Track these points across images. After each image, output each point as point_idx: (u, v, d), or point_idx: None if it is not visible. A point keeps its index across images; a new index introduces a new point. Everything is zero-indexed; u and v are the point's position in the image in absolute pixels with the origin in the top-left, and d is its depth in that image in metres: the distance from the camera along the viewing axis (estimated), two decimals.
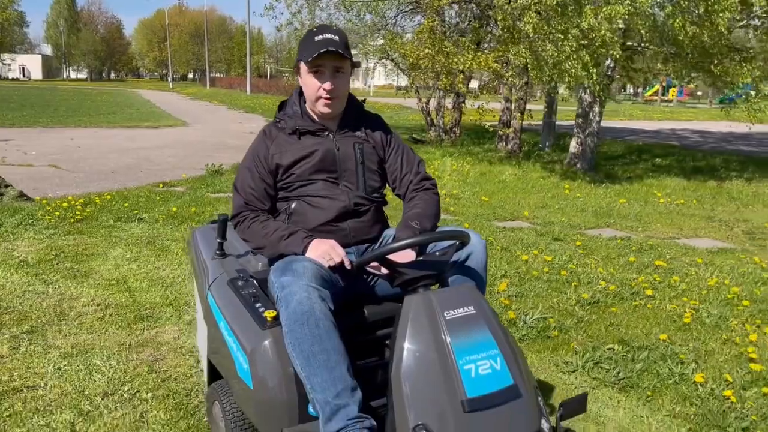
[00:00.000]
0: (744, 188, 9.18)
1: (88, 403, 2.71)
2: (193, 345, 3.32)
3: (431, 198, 2.28)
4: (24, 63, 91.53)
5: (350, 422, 1.73)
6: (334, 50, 2.08)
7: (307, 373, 1.77)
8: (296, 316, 1.78)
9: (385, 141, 2.34)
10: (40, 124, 17.44)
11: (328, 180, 2.21)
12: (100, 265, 4.64)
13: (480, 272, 2.12)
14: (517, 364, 1.73)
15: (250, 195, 2.23)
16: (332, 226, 2.18)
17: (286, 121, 2.28)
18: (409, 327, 1.71)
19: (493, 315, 1.80)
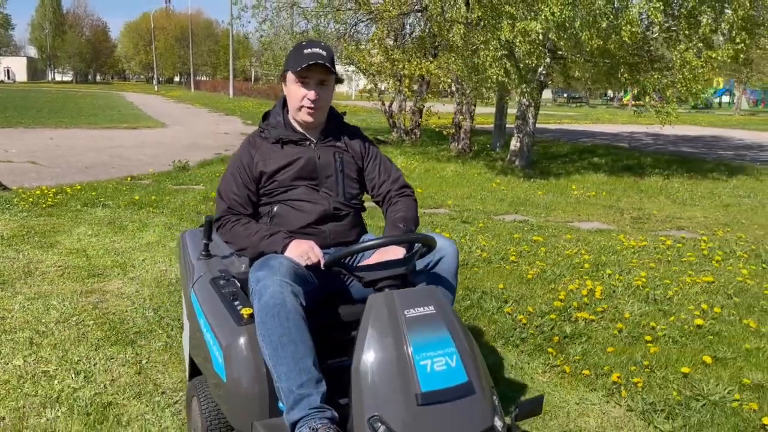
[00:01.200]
0: (655, 183, 10.20)
1: (44, 327, 3.62)
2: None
3: (412, 203, 2.42)
4: (9, 65, 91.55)
5: (312, 411, 1.83)
6: (322, 63, 2.22)
7: (274, 363, 1.87)
8: (268, 308, 1.87)
9: (364, 151, 2.46)
10: (22, 124, 18.22)
11: (310, 186, 2.32)
12: (65, 239, 5.54)
13: (450, 277, 2.22)
14: (474, 363, 1.80)
15: (233, 201, 2.33)
16: (313, 229, 2.29)
17: (269, 130, 2.38)
18: (370, 324, 1.79)
19: (454, 316, 1.90)
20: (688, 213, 7.82)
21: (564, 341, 3.55)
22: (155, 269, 4.76)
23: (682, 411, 2.80)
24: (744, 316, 3.99)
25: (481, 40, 8.51)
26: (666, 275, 4.89)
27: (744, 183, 10.53)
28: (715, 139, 21.50)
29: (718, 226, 6.97)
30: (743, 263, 5.30)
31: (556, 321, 3.79)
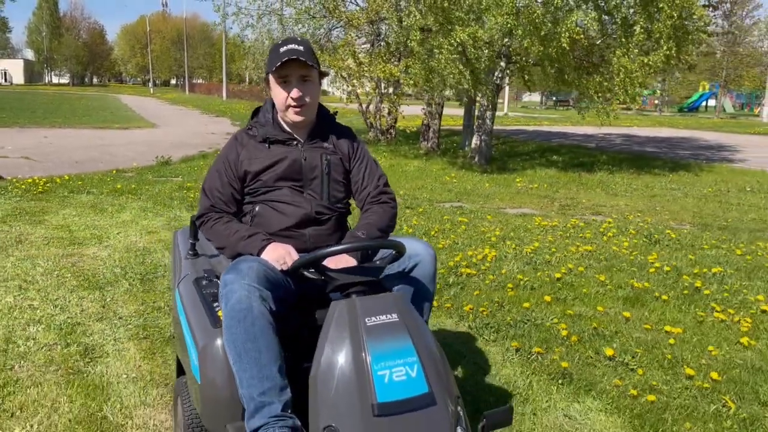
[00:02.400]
0: (597, 177, 11.13)
1: (30, 278, 4.51)
2: None
3: (385, 210, 2.32)
4: (6, 68, 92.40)
5: (271, 420, 1.79)
6: (296, 58, 2.16)
7: (237, 369, 1.84)
8: (233, 313, 1.84)
9: (352, 152, 2.39)
10: (18, 124, 19.10)
11: (294, 188, 2.27)
12: (52, 218, 6.43)
13: (426, 282, 2.17)
14: (437, 373, 1.76)
15: (217, 198, 2.29)
16: (293, 232, 2.24)
17: (257, 129, 2.33)
18: (330, 331, 1.76)
19: (419, 323, 1.86)
20: (613, 202, 8.74)
21: (444, 288, 4.45)
22: (127, 240, 5.66)
23: (508, 329, 3.71)
24: (599, 273, 4.91)
25: (435, 45, 9.43)
26: (556, 246, 5.81)
27: (681, 178, 11.46)
28: (684, 140, 22.44)
29: (632, 212, 7.89)
30: (629, 238, 6.22)
31: (444, 275, 4.70)
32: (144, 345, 3.42)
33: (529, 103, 62.98)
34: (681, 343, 3.59)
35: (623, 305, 4.23)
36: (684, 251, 5.77)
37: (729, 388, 3.06)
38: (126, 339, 3.50)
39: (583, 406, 2.88)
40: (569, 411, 2.83)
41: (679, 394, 3.00)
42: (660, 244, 6.03)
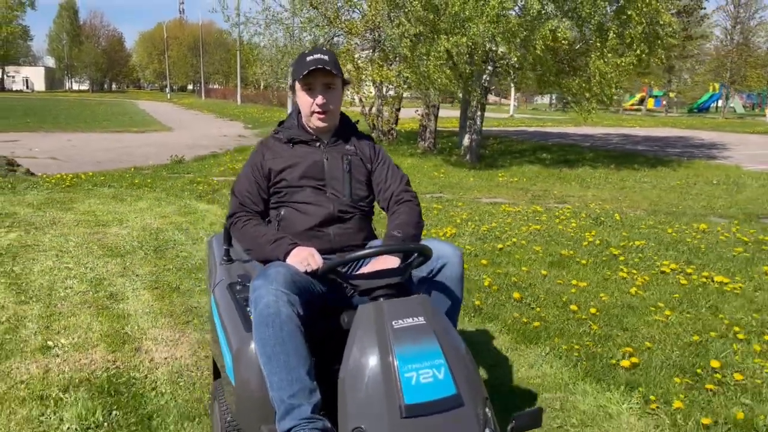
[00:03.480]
0: (577, 172, 11.98)
1: (65, 249, 5.50)
2: None
3: (412, 209, 2.37)
4: (28, 75, 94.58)
5: (302, 422, 1.83)
6: (322, 67, 2.26)
7: (267, 372, 1.89)
8: (262, 318, 1.89)
9: (373, 155, 2.47)
10: (42, 129, 20.31)
11: (316, 187, 2.34)
12: (79, 206, 7.45)
13: (454, 283, 2.20)
14: (465, 375, 1.77)
15: (245, 198, 2.38)
16: (317, 231, 2.31)
17: (283, 132, 2.45)
18: (357, 334, 1.80)
19: (446, 326, 1.88)
20: (583, 193, 9.60)
21: None
22: (143, 222, 6.65)
23: None
24: (538, 246, 5.81)
25: (424, 51, 10.38)
26: (510, 226, 6.71)
27: (656, 173, 12.27)
28: (681, 139, 23.11)
29: (595, 201, 8.75)
30: (578, 221, 7.10)
31: None
32: (155, 293, 4.38)
33: (540, 106, 63.67)
34: (580, 293, 4.48)
35: (547, 267, 5.13)
36: (621, 230, 6.64)
37: (600, 318, 3.96)
38: (142, 289, 4.47)
39: (484, 330, 3.80)
40: (473, 334, 3.75)
41: (560, 322, 3.90)
42: (603, 225, 6.91)
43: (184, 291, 4.43)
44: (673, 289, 4.62)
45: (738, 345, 3.59)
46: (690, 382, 3.12)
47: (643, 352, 3.47)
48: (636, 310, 4.15)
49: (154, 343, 3.52)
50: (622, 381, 3.12)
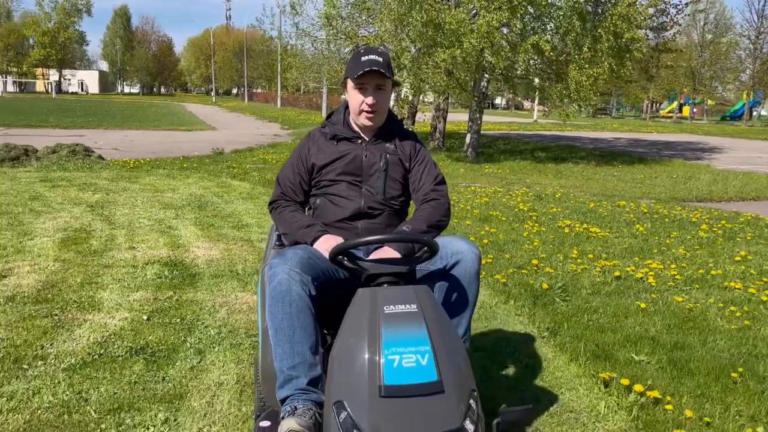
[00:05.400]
0: (557, 168, 13.81)
1: (135, 204, 7.69)
2: None
3: (435, 207, 2.42)
4: (83, 78, 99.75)
5: (297, 392, 2.00)
6: (377, 69, 2.33)
7: (273, 344, 2.06)
8: (274, 294, 2.04)
9: (413, 154, 2.54)
10: (102, 126, 23.04)
11: (352, 182, 2.46)
12: (141, 180, 9.71)
13: (467, 280, 2.25)
14: (452, 366, 1.81)
15: (287, 187, 2.53)
16: (346, 224, 2.43)
17: (329, 127, 2.56)
18: (350, 315, 1.91)
19: (440, 317, 1.93)
20: (551, 182, 11.46)
21: None
22: (189, 191, 8.85)
23: None
24: (477, 209, 7.75)
25: (423, 62, 12.44)
26: (466, 199, 8.67)
27: (629, 168, 14.02)
28: (684, 143, 24.54)
29: (555, 187, 10.61)
30: (524, 198, 9.01)
31: None
32: (199, 228, 6.50)
33: (571, 111, 64.78)
34: (488, 235, 6.44)
35: (476, 222, 7.09)
36: (552, 204, 8.54)
37: (491, 247, 5.92)
38: (189, 224, 6.61)
39: None
40: None
41: None
42: (542, 200, 8.82)
43: (217, 226, 6.55)
44: (555, 234, 6.55)
45: (568, 260, 5.50)
46: (523, 271, 5.07)
47: (509, 265, 5.43)
48: (516, 242, 6.10)
49: (197, 248, 5.64)
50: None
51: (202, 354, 3.34)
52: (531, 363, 3.38)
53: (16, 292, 4.18)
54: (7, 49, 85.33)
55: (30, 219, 6.50)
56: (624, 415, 2.80)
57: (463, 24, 11.81)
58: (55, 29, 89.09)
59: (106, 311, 3.93)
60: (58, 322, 3.71)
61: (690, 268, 5.38)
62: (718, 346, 3.65)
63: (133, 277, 4.65)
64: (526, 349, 3.57)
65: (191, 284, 4.56)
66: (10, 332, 3.52)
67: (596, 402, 2.94)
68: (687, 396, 2.96)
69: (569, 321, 3.96)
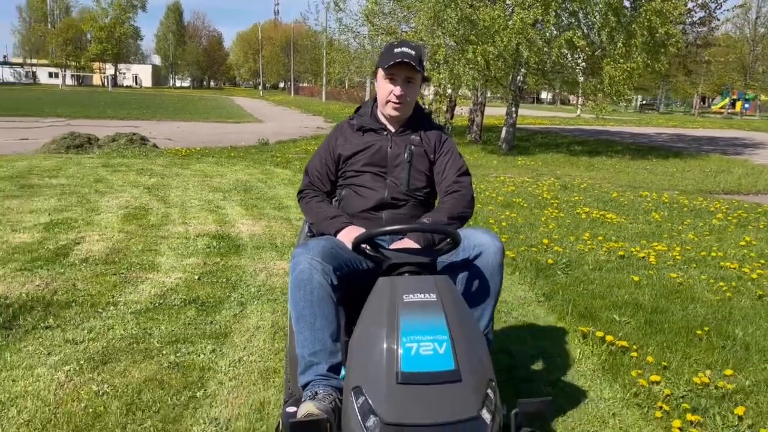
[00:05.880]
0: (591, 161, 14.07)
1: (187, 187, 8.44)
2: None
3: (457, 199, 2.46)
4: (137, 72, 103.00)
5: (317, 378, 2.07)
6: (408, 62, 2.37)
7: (296, 330, 2.14)
8: (296, 282, 2.10)
9: (438, 146, 2.57)
10: (155, 118, 24.20)
11: (377, 173, 2.51)
12: (192, 167, 10.49)
13: (489, 272, 2.27)
14: (470, 355, 1.82)
15: (315, 177, 2.60)
16: (370, 214, 2.47)
17: (357, 118, 2.62)
18: (370, 303, 1.94)
19: (459, 306, 1.94)
20: (581, 173, 11.79)
21: None
22: (236, 176, 9.57)
23: None
24: (501, 197, 8.22)
25: (456, 58, 12.91)
26: (494, 188, 9.13)
27: (663, 162, 14.17)
28: (728, 139, 24.22)
29: (584, 178, 10.95)
30: (550, 188, 9.42)
31: None
32: (244, 208, 7.15)
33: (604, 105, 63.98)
34: (512, 220, 6.91)
35: (498, 208, 7.57)
36: (576, 193, 8.93)
37: (507, 229, 6.40)
38: (236, 205, 7.28)
39: None
40: None
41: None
42: (567, 189, 9.22)
43: (259, 207, 7.22)
44: (572, 220, 6.98)
45: (578, 241, 5.95)
46: (533, 249, 5.55)
47: (521, 244, 5.92)
48: (533, 226, 6.57)
49: (241, 224, 6.30)
50: None
51: (244, 305, 3.97)
52: (523, 320, 3.89)
53: (89, 255, 4.90)
54: (66, 43, 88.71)
55: (96, 198, 7.29)
56: (594, 360, 3.30)
57: (496, 21, 12.22)
58: (112, 24, 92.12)
59: (163, 272, 4.60)
60: (125, 278, 4.40)
61: (693, 250, 5.76)
62: (696, 312, 4.08)
63: (186, 247, 5.33)
64: (521, 309, 4.09)
65: (236, 253, 5.21)
66: (86, 285, 4.21)
67: (573, 349, 3.44)
68: (653, 347, 3.44)
69: (565, 289, 4.44)
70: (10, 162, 10.08)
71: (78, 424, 2.51)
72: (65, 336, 3.36)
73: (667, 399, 2.84)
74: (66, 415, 2.57)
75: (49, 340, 3.31)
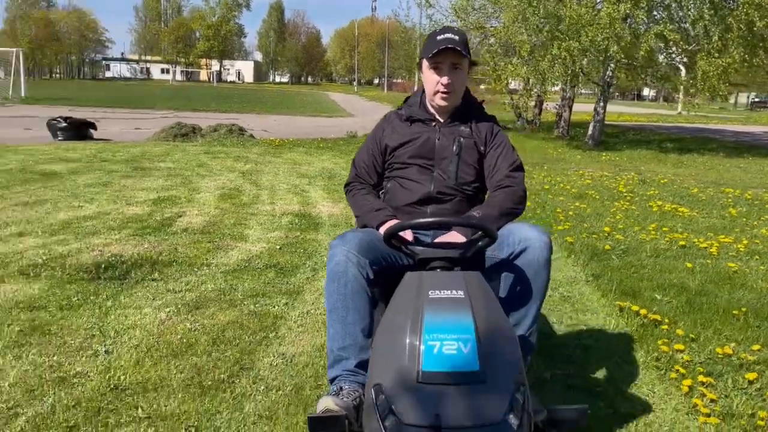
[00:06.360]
0: (680, 158, 13.73)
1: (278, 173, 9.16)
2: None
3: (508, 194, 2.33)
4: (240, 68, 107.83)
5: (345, 372, 2.06)
6: (452, 47, 2.27)
7: (328, 323, 2.14)
8: (331, 274, 2.09)
9: (490, 138, 2.46)
10: (255, 111, 25.61)
11: (424, 166, 2.42)
12: (284, 156, 11.26)
13: (533, 270, 2.15)
14: (498, 356, 1.72)
15: (362, 169, 2.55)
16: (414, 208, 2.40)
17: (405, 109, 2.54)
18: (396, 298, 1.89)
19: (491, 305, 1.84)
20: (667, 170, 11.61)
21: None
22: (323, 165, 10.22)
23: None
24: (575, 189, 8.36)
25: (541, 55, 13.01)
26: (571, 179, 9.26)
27: (761, 161, 13.65)
28: None
29: (666, 175, 10.81)
30: (628, 183, 9.42)
31: None
32: (326, 192, 7.74)
33: (728, 105, 60.64)
34: (580, 210, 7.11)
35: (569, 199, 7.76)
36: (653, 187, 8.91)
37: (573, 218, 6.62)
38: (319, 189, 7.89)
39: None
40: None
41: (552, 220, 6.64)
42: (645, 184, 9.20)
43: (341, 192, 7.70)
44: (641, 212, 7.07)
45: (642, 231, 6.08)
46: (594, 236, 5.76)
47: (583, 231, 6.14)
48: (600, 216, 6.74)
49: (322, 206, 6.88)
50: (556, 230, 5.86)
51: (316, 271, 4.50)
52: (567, 295, 4.20)
53: (188, 226, 5.62)
54: (177, 41, 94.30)
55: (197, 180, 8.12)
56: (626, 329, 3.57)
57: (583, 17, 12.23)
58: (218, 23, 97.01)
59: (250, 242, 5.23)
60: (217, 246, 5.06)
61: (762, 244, 5.77)
62: (741, 296, 4.22)
63: (272, 222, 5.96)
64: (568, 286, 4.38)
65: (314, 229, 5.78)
66: (185, 249, 4.90)
67: (608, 320, 3.72)
68: (685, 322, 3.66)
69: (615, 271, 4.67)
70: (126, 148, 11.25)
71: (174, 350, 3.11)
72: (167, 287, 4.01)
73: (686, 364, 3.09)
74: (165, 343, 3.17)
75: (154, 289, 3.97)
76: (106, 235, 5.19)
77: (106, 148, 11.17)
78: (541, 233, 2.17)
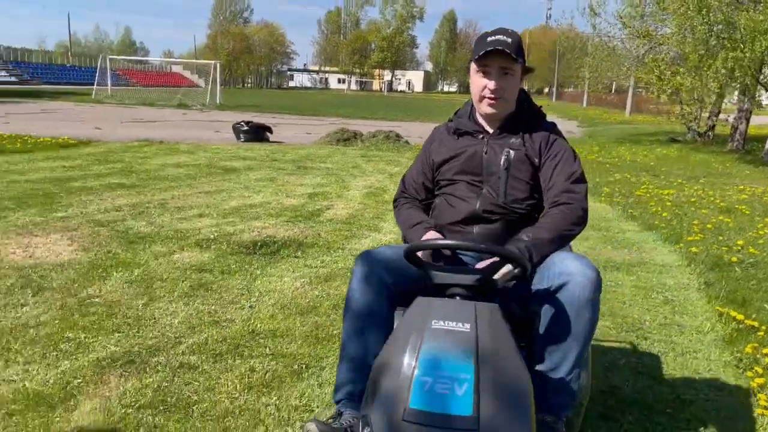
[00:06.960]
0: None
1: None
2: None
3: (564, 213, 2.07)
4: (410, 78, 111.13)
5: (347, 399, 2.07)
6: (501, 49, 2.08)
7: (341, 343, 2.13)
8: (350, 292, 2.05)
9: (544, 149, 2.22)
10: (419, 119, 26.73)
11: (472, 182, 2.24)
12: None
13: (574, 308, 1.89)
14: (500, 404, 1.55)
15: (410, 185, 2.43)
16: (459, 227, 2.23)
17: (455, 120, 2.37)
18: (400, 327, 1.75)
19: (503, 344, 1.65)
20: None
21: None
22: None
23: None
24: (724, 203, 8.02)
25: (706, 65, 12.41)
26: (725, 195, 8.85)
27: None
28: None
29: None
30: None
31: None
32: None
33: None
34: (723, 224, 6.88)
35: (714, 212, 7.50)
36: None
37: (719, 230, 6.47)
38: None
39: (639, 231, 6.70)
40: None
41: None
42: None
43: None
44: None
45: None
46: (723, 248, 5.64)
47: (714, 243, 6.01)
48: (742, 230, 6.50)
49: None
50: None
51: None
52: (671, 298, 4.31)
53: (334, 217, 6.42)
54: (353, 53, 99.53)
55: (349, 179, 9.01)
56: (720, 332, 3.67)
57: (759, 24, 11.48)
58: (392, 34, 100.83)
59: (383, 233, 5.88)
60: (354, 234, 5.77)
61: None
62: None
63: None
64: (676, 291, 4.47)
65: None
66: (327, 235, 5.66)
67: (704, 323, 3.83)
68: None
69: (732, 281, 4.64)
70: (295, 150, 12.59)
71: (301, 310, 3.80)
72: (305, 263, 4.77)
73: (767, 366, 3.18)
74: (296, 304, 3.88)
75: (295, 264, 4.75)
76: (265, 220, 6.13)
77: (278, 149, 12.59)
78: (586, 267, 1.91)
